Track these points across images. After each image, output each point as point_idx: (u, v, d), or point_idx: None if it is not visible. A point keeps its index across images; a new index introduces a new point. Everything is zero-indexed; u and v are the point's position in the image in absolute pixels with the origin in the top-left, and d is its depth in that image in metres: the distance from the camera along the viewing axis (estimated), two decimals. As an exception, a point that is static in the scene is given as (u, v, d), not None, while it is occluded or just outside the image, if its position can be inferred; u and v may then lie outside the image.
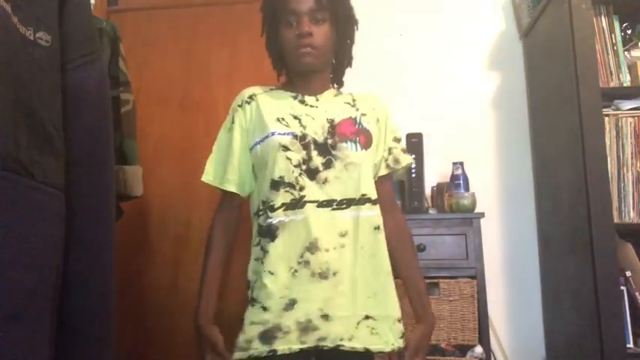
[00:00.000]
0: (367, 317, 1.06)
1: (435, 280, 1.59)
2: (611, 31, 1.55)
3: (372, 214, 1.10)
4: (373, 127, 1.17)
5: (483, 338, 1.56)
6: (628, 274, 1.45)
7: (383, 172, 1.19)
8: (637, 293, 1.43)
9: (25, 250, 0.68)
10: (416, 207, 1.71)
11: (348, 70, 1.24)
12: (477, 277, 1.59)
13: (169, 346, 1.86)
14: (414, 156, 1.73)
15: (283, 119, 1.12)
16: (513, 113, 1.97)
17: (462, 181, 1.74)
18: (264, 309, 1.04)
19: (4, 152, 0.66)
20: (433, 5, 2.07)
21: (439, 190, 1.80)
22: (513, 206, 1.92)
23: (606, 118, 1.48)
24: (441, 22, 2.05)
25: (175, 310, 1.87)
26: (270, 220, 1.07)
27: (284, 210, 1.06)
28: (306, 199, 1.06)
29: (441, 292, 1.58)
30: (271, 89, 1.21)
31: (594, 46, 1.49)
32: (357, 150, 1.10)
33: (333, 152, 1.09)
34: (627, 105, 1.52)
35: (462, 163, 1.77)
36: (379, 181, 1.17)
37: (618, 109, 1.52)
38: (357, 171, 1.09)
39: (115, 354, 0.86)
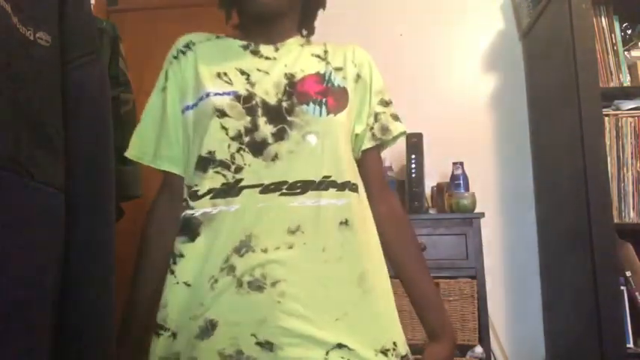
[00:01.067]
0: (340, 346, 0.74)
1: (435, 280, 1.59)
2: (611, 31, 1.55)
3: (339, 203, 0.80)
4: (350, 86, 0.88)
5: (483, 338, 1.56)
6: (628, 274, 1.45)
7: (368, 144, 0.90)
8: (637, 293, 1.43)
9: (24, 251, 0.68)
10: (416, 207, 1.71)
11: None
12: (477, 277, 1.59)
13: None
14: (413, 156, 1.73)
15: (225, 74, 0.84)
16: (513, 113, 1.97)
17: (462, 181, 1.74)
18: (174, 336, 0.77)
19: (4, 152, 0.66)
20: (433, 5, 2.07)
21: (439, 190, 1.81)
22: (513, 206, 1.92)
23: (606, 118, 1.49)
24: (440, 22, 2.05)
25: (175, 310, 1.86)
26: (190, 213, 0.79)
27: (211, 198, 0.78)
28: (244, 182, 0.77)
29: (441, 293, 1.58)
30: (217, 37, 0.93)
31: (594, 46, 1.49)
32: (321, 114, 0.81)
33: (289, 118, 0.80)
34: (627, 105, 1.52)
35: (462, 163, 1.77)
36: (364, 157, 0.90)
37: (618, 109, 1.52)
38: (321, 143, 0.80)
39: (115, 353, 0.86)
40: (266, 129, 0.80)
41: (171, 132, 0.87)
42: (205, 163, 0.79)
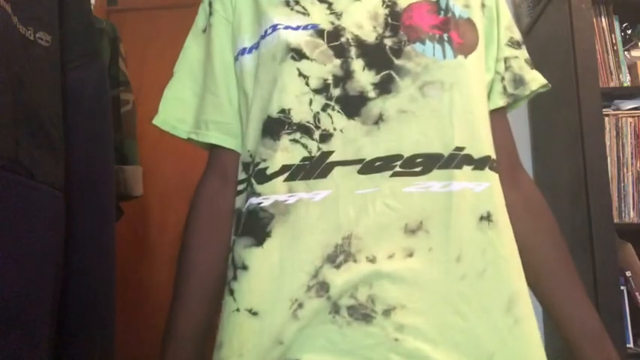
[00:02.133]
0: None
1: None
2: (611, 31, 1.55)
3: (478, 189, 0.56)
4: (477, 16, 0.63)
5: (483, 338, 1.56)
6: (628, 274, 1.45)
7: (498, 101, 0.66)
8: (637, 293, 1.43)
9: (24, 251, 0.68)
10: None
11: None
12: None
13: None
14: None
15: (297, 2, 0.61)
16: (513, 113, 1.97)
17: (462, 181, 1.74)
18: None
19: (4, 152, 0.66)
20: (433, 5, 2.06)
21: (439, 190, 1.80)
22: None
23: (606, 118, 1.49)
24: (441, 22, 2.04)
25: (175, 310, 1.87)
26: (256, 202, 0.56)
27: (287, 179, 0.55)
28: (335, 156, 0.55)
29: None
30: None
31: (594, 46, 1.49)
32: (445, 56, 0.58)
33: (397, 62, 0.57)
34: (627, 105, 1.52)
35: (462, 163, 1.77)
36: (491, 121, 0.63)
37: (618, 109, 1.52)
38: (449, 99, 0.57)
39: (115, 354, 0.86)
40: (364, 77, 0.56)
41: (221, 88, 0.64)
42: (276, 126, 0.56)
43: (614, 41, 1.55)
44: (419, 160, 0.55)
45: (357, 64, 0.57)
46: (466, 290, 0.53)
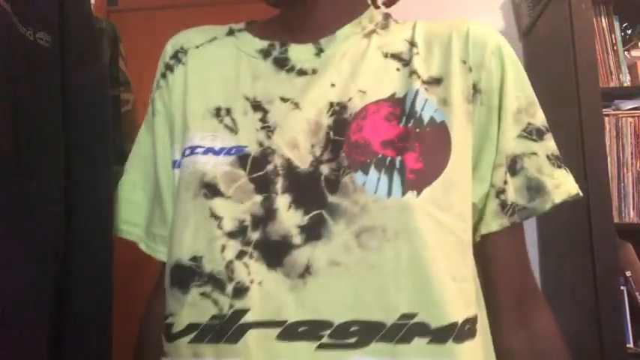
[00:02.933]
0: None
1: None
2: (611, 31, 1.55)
3: None
4: (458, 113, 0.49)
5: (483, 338, 1.56)
6: (628, 274, 1.45)
7: (493, 225, 0.52)
8: (637, 293, 1.43)
9: (23, 251, 0.68)
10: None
11: None
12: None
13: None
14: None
15: (228, 111, 0.51)
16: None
17: (462, 181, 1.74)
18: None
19: (4, 152, 0.66)
20: (432, 5, 2.06)
21: (439, 190, 1.80)
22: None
23: (606, 118, 1.49)
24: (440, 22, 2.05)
25: (175, 310, 1.87)
26: None
27: (192, 341, 0.46)
28: (250, 316, 0.44)
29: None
30: (230, 33, 0.59)
31: (594, 46, 1.49)
32: (390, 194, 0.44)
33: (331, 198, 0.46)
34: (627, 105, 1.52)
35: (461, 163, 1.77)
36: (488, 245, 0.53)
37: (618, 109, 1.52)
38: (393, 251, 0.44)
39: (114, 354, 0.86)
40: (290, 218, 0.45)
41: (166, 198, 0.55)
42: (186, 276, 0.47)
43: (614, 41, 1.55)
44: (353, 328, 0.42)
45: (282, 202, 0.46)
46: None
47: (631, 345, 1.40)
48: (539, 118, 0.53)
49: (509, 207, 0.51)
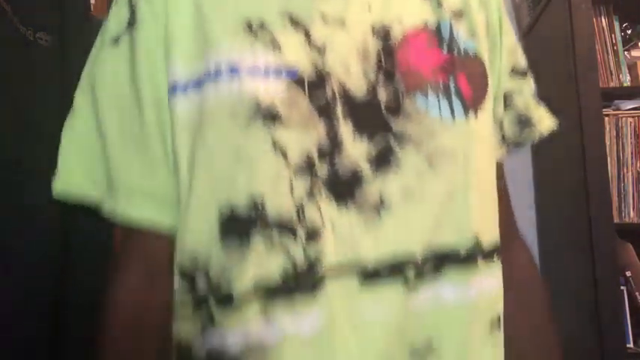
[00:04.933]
0: None
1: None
2: (611, 31, 1.55)
3: (492, 286, 0.45)
4: (483, 46, 0.49)
5: (483, 338, 1.56)
6: (628, 274, 1.45)
7: (498, 154, 0.53)
8: (637, 293, 1.43)
9: (24, 251, 0.68)
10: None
11: None
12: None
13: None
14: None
15: (262, 26, 0.42)
16: (513, 113, 1.97)
17: (462, 181, 1.74)
18: None
19: (4, 152, 0.66)
20: (433, 5, 2.06)
21: (439, 190, 1.80)
22: (513, 206, 1.92)
23: (606, 118, 1.49)
24: (441, 22, 2.04)
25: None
26: (217, 341, 0.39)
27: (262, 302, 0.39)
28: (325, 265, 0.39)
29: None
30: None
31: (594, 46, 1.49)
32: (454, 115, 0.44)
33: (395, 124, 0.42)
34: (627, 105, 1.52)
35: (462, 163, 1.77)
36: None
37: (618, 109, 1.52)
38: (463, 174, 0.44)
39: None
40: (356, 148, 0.41)
41: (154, 137, 0.43)
42: (244, 223, 0.39)
43: (614, 41, 1.55)
44: (431, 257, 0.41)
45: (346, 131, 0.41)
46: None
47: (631, 345, 1.40)
48: (523, 59, 0.55)
49: (505, 139, 0.53)
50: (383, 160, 0.41)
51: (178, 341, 0.42)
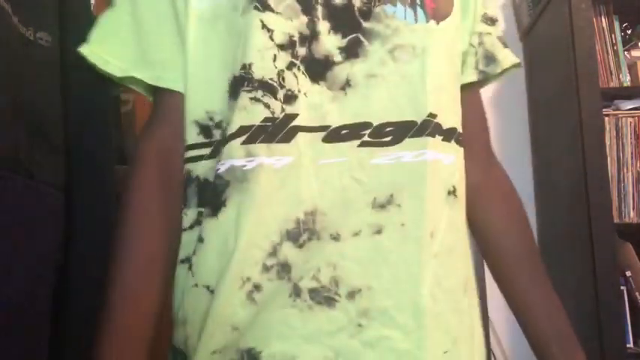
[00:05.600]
0: None
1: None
2: (611, 31, 1.55)
3: (448, 161, 0.53)
4: None
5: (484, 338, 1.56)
6: (628, 274, 1.45)
7: (469, 77, 0.62)
8: (637, 293, 1.44)
9: (23, 251, 0.68)
10: (416, 207, 1.70)
11: None
12: (477, 276, 1.59)
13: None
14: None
15: None
16: (513, 113, 1.97)
17: (461, 181, 1.74)
18: None
19: (3, 152, 0.66)
20: (433, 5, 2.07)
21: (439, 190, 1.80)
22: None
23: (606, 118, 1.49)
24: (441, 22, 2.05)
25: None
26: (210, 167, 0.51)
27: (245, 142, 0.49)
28: (299, 120, 0.49)
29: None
30: None
31: (594, 46, 1.49)
32: (417, 20, 0.53)
33: (365, 24, 0.51)
34: (627, 105, 1.52)
35: (462, 163, 1.77)
36: (463, 94, 0.59)
37: (618, 109, 1.52)
38: (420, 64, 0.52)
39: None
40: (330, 40, 0.50)
41: (163, 26, 0.56)
42: (238, 82, 0.50)
43: (614, 41, 1.55)
44: (389, 128, 0.50)
45: (323, 26, 0.51)
46: (438, 269, 0.50)
47: (631, 345, 1.40)
48: (492, 10, 0.65)
49: (477, 67, 0.63)
50: (352, 49, 0.51)
51: (188, 172, 0.53)
